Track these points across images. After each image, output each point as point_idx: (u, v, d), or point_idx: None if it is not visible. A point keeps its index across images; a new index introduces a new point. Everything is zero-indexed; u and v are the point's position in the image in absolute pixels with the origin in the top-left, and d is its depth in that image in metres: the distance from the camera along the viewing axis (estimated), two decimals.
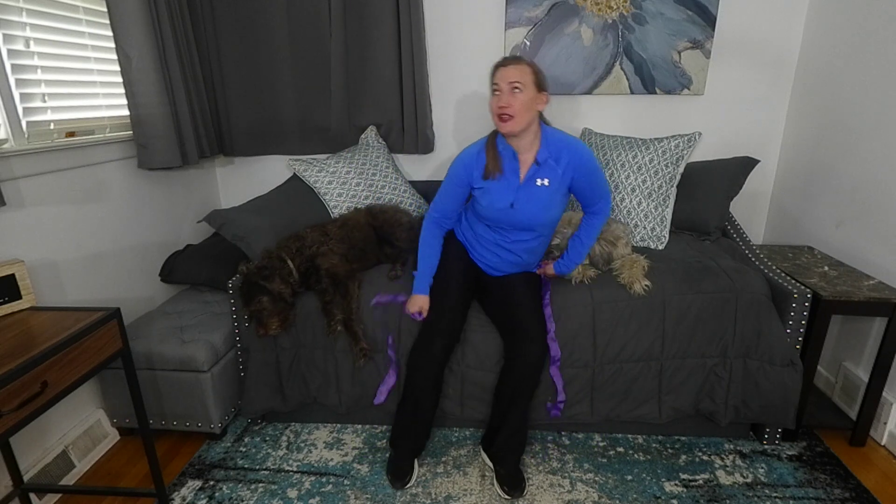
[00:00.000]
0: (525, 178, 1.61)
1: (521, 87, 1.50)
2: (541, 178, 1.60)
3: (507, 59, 1.55)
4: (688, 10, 2.30)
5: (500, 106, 1.51)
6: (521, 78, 1.50)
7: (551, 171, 1.59)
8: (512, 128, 1.52)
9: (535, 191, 1.60)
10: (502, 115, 1.51)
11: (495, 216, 1.65)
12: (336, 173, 2.35)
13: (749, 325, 1.71)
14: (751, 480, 1.69)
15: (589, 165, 1.61)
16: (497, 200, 1.62)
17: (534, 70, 1.53)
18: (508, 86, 1.50)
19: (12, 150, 1.59)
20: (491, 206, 1.63)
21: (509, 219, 1.64)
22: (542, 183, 1.60)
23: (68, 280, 1.78)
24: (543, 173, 1.59)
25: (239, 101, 2.54)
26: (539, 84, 1.54)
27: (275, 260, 1.79)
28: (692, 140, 2.16)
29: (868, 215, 1.92)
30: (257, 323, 1.74)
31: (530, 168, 1.60)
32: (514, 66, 1.52)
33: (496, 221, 1.67)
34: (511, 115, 1.50)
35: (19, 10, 1.67)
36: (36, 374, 1.15)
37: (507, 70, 1.51)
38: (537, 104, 1.55)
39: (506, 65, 1.53)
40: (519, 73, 1.50)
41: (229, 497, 1.67)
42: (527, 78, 1.50)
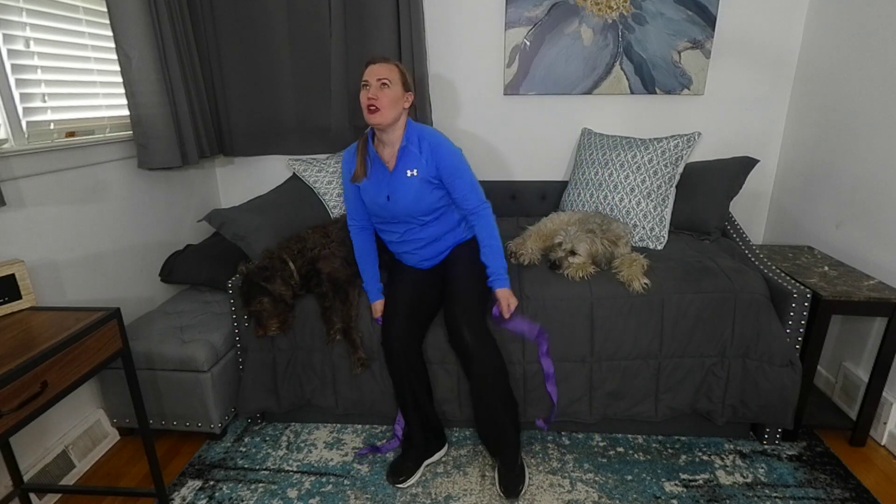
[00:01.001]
0: (395, 168, 1.69)
1: (389, 83, 1.61)
2: (409, 169, 1.68)
3: (376, 57, 1.67)
4: (688, 10, 2.30)
5: (368, 98, 1.61)
6: (389, 75, 1.62)
7: (416, 160, 1.68)
8: (380, 119, 1.62)
9: (406, 182, 1.69)
10: (370, 106, 1.61)
11: (378, 211, 1.74)
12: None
13: (748, 325, 1.71)
14: (751, 480, 1.69)
15: (445, 150, 1.69)
16: (376, 195, 1.72)
17: (401, 70, 1.67)
18: (377, 81, 1.61)
19: (12, 150, 1.59)
20: (372, 201, 1.73)
21: (389, 212, 1.72)
22: (412, 174, 1.68)
23: (68, 280, 1.78)
24: (410, 163, 1.68)
25: (239, 101, 2.54)
26: (405, 84, 1.67)
27: (276, 261, 1.79)
28: (691, 140, 2.16)
29: (868, 215, 1.92)
30: (256, 323, 1.74)
31: (396, 154, 1.70)
32: (382, 64, 1.64)
33: (380, 216, 1.76)
34: (378, 108, 1.60)
35: (19, 10, 1.67)
36: (36, 374, 1.15)
37: (377, 67, 1.63)
38: (404, 102, 1.67)
39: (375, 62, 1.65)
40: (387, 71, 1.62)
41: (229, 497, 1.67)
42: (394, 76, 1.63)
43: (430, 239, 1.78)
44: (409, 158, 1.68)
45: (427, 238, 1.77)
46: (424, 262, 1.82)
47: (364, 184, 1.73)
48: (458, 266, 1.76)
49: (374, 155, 1.72)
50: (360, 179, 1.72)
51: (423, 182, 1.68)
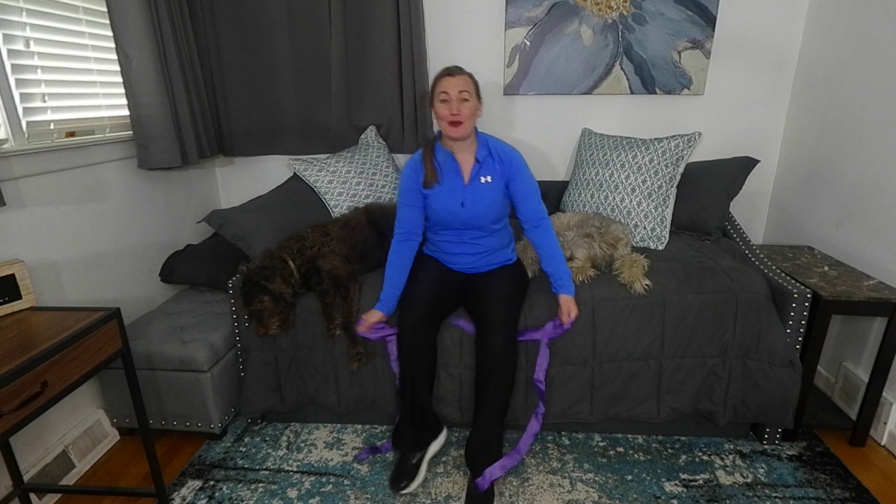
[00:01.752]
0: (470, 178, 1.71)
1: (469, 95, 1.63)
2: (484, 176, 1.70)
3: (452, 70, 1.67)
4: (688, 10, 2.30)
5: (452, 113, 1.62)
6: (468, 87, 1.64)
7: (491, 168, 1.71)
8: (462, 132, 1.65)
9: (481, 188, 1.70)
10: (453, 120, 1.63)
11: (448, 217, 1.73)
12: (336, 173, 2.35)
13: (749, 325, 1.71)
14: (751, 480, 1.69)
15: (518, 162, 1.72)
16: (449, 202, 1.71)
17: (475, 81, 1.69)
18: (458, 94, 1.62)
19: (12, 150, 1.59)
20: (444, 207, 1.72)
21: (461, 218, 1.72)
22: (486, 180, 1.70)
23: (68, 280, 1.78)
24: (485, 170, 1.71)
25: (239, 101, 2.54)
26: (479, 94, 1.70)
27: (276, 260, 1.79)
28: (692, 140, 2.16)
29: (868, 215, 1.92)
30: (257, 322, 1.74)
31: (473, 167, 1.71)
32: (460, 77, 1.65)
33: (449, 223, 1.75)
34: (461, 121, 1.63)
35: (19, 10, 1.67)
36: (36, 374, 1.15)
37: (455, 80, 1.64)
38: (479, 112, 1.70)
39: (453, 75, 1.65)
40: (465, 84, 1.64)
41: (229, 497, 1.67)
42: (471, 88, 1.65)
43: (489, 249, 1.78)
44: (484, 166, 1.70)
45: (487, 248, 1.77)
46: (468, 267, 1.80)
47: (436, 190, 1.71)
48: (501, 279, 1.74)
49: (446, 162, 1.71)
50: (433, 185, 1.70)
51: (496, 189, 1.71)
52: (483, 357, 1.64)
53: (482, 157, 1.70)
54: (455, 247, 1.79)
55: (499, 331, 1.61)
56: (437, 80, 1.68)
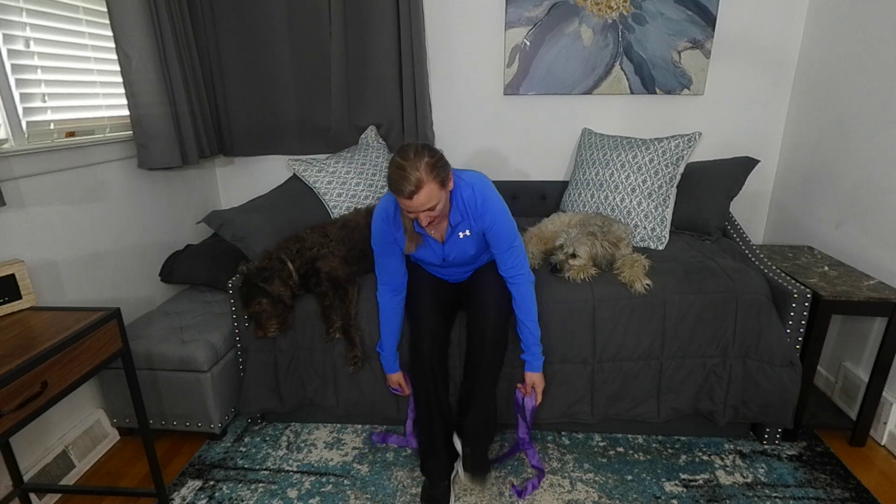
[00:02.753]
0: (447, 239, 1.60)
1: (434, 202, 1.39)
2: (462, 231, 1.59)
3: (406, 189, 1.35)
4: (688, 10, 2.30)
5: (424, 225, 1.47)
6: (432, 198, 1.38)
7: (467, 224, 1.57)
8: (441, 229, 1.58)
9: (459, 242, 1.61)
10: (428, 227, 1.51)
11: (431, 268, 1.73)
12: (336, 173, 2.35)
13: (749, 325, 1.71)
14: (751, 480, 1.69)
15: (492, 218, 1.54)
16: (428, 258, 1.66)
17: (435, 178, 1.38)
18: (424, 213, 1.41)
19: (12, 150, 1.59)
20: (424, 261, 1.69)
21: (445, 267, 1.70)
22: (465, 234, 1.59)
23: (68, 280, 1.78)
24: (462, 228, 1.58)
25: (239, 101, 2.54)
26: (443, 182, 1.41)
27: (274, 261, 1.79)
28: (692, 140, 2.16)
29: (868, 215, 1.92)
30: (256, 324, 1.74)
31: (446, 230, 1.59)
32: (419, 193, 1.36)
33: (431, 266, 1.73)
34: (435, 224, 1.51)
35: (19, 10, 1.67)
36: (36, 374, 1.15)
37: (416, 200, 1.37)
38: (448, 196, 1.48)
39: (410, 197, 1.36)
40: (427, 196, 1.37)
41: (229, 497, 1.67)
42: (434, 193, 1.38)
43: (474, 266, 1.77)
44: (460, 226, 1.58)
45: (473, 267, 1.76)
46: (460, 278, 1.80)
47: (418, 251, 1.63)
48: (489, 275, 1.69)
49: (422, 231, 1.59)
50: (417, 245, 1.60)
51: (476, 239, 1.60)
52: (473, 350, 1.64)
53: (455, 223, 1.55)
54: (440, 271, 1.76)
55: (489, 325, 1.61)
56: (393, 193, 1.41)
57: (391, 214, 1.57)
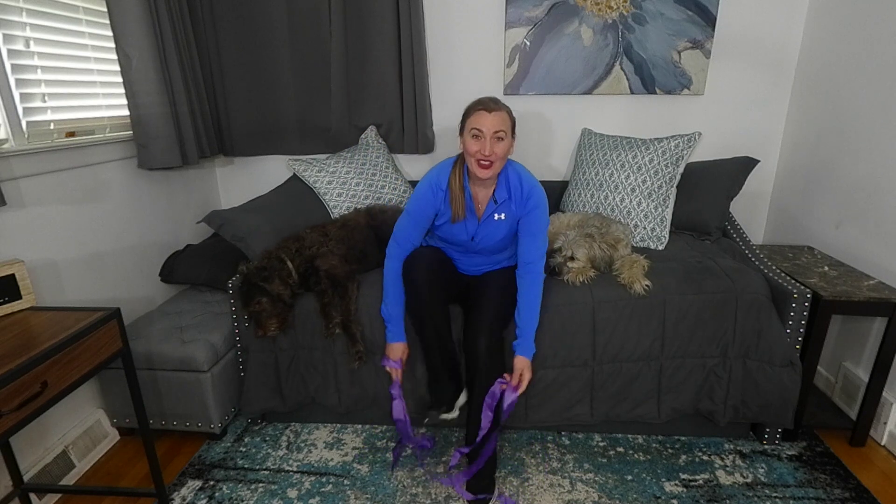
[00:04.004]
0: (483, 217, 1.65)
1: (504, 135, 1.50)
2: (498, 214, 1.63)
3: (489, 105, 1.51)
4: (688, 10, 2.30)
5: (485, 154, 1.50)
6: (504, 126, 1.50)
7: (507, 208, 1.63)
8: (491, 173, 1.55)
9: (493, 224, 1.65)
10: (483, 161, 1.52)
11: (455, 242, 1.73)
12: (336, 173, 2.35)
13: (749, 325, 1.71)
14: (751, 480, 1.69)
15: (537, 201, 1.61)
16: (458, 234, 1.68)
17: (511, 117, 1.56)
18: (493, 134, 1.49)
19: (12, 150, 1.59)
20: (453, 236, 1.70)
21: (468, 247, 1.72)
22: (500, 217, 1.64)
23: (68, 280, 1.78)
24: (501, 209, 1.63)
25: (239, 101, 2.54)
26: (513, 131, 1.57)
27: (274, 260, 1.79)
28: (692, 140, 2.16)
29: (868, 215, 1.92)
30: (256, 324, 1.74)
31: (488, 205, 1.63)
32: (497, 114, 1.50)
33: (455, 246, 1.75)
34: (492, 162, 1.52)
35: (19, 10, 1.67)
36: (36, 374, 1.15)
37: (491, 117, 1.49)
38: (511, 150, 1.58)
39: (489, 111, 1.50)
40: (502, 122, 1.50)
41: (229, 497, 1.67)
42: (508, 126, 1.52)
43: (495, 261, 1.78)
44: (501, 207, 1.63)
45: (488, 260, 1.78)
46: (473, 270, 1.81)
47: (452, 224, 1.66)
48: (497, 281, 1.72)
49: (469, 195, 1.63)
50: (459, 220, 1.62)
51: (509, 226, 1.65)
52: (469, 359, 1.64)
53: (501, 200, 1.62)
54: (460, 255, 1.80)
55: (483, 334, 1.59)
56: (470, 110, 1.54)
57: (442, 188, 1.62)
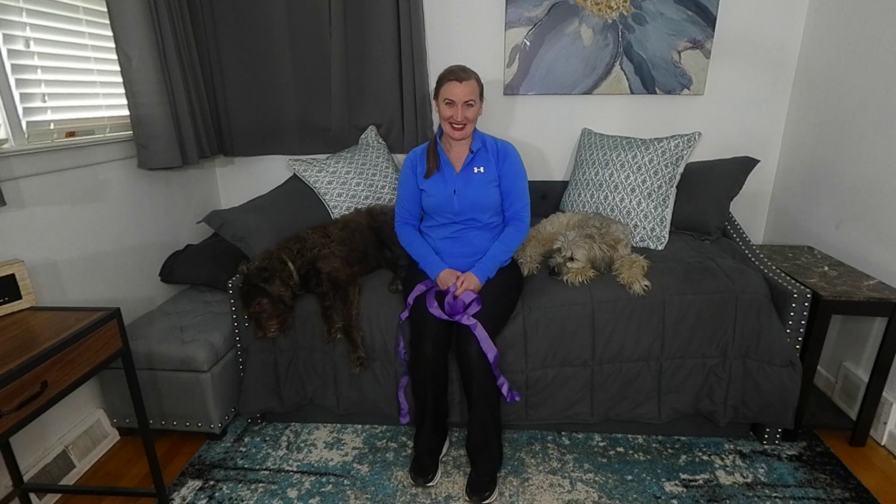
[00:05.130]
0: (462, 168, 1.79)
1: (474, 101, 1.70)
2: (477, 167, 1.78)
3: (460, 75, 1.69)
4: (688, 10, 2.30)
5: (459, 120, 1.69)
6: (474, 94, 1.69)
7: (484, 160, 1.79)
8: (465, 134, 1.73)
9: (473, 177, 1.78)
10: (456, 124, 1.70)
11: (441, 207, 1.79)
12: (336, 173, 2.35)
13: (749, 325, 1.71)
14: (751, 480, 1.69)
15: (513, 158, 1.80)
16: (441, 190, 1.79)
17: (480, 83, 1.73)
18: (464, 102, 1.67)
19: (12, 150, 1.59)
20: (438, 196, 1.79)
21: (452, 206, 1.78)
22: (479, 170, 1.78)
23: (68, 280, 1.78)
24: (479, 161, 1.79)
25: (239, 101, 2.54)
26: (482, 94, 1.75)
27: (275, 261, 1.79)
28: (692, 140, 2.16)
29: (868, 215, 1.92)
30: (256, 325, 1.74)
31: (466, 157, 1.79)
32: (467, 83, 1.68)
33: (442, 213, 1.80)
34: (464, 125, 1.70)
35: (19, 10, 1.67)
36: (36, 374, 1.15)
37: (462, 87, 1.67)
38: (480, 112, 1.76)
39: (461, 80, 1.68)
40: (472, 91, 1.68)
41: (229, 497, 1.67)
42: (477, 93, 1.71)
43: (478, 251, 1.79)
44: (478, 157, 1.79)
45: (477, 248, 1.79)
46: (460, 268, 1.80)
47: (433, 181, 1.79)
48: (496, 284, 1.75)
49: (443, 155, 1.80)
50: (433, 173, 1.79)
51: (489, 180, 1.78)
52: (461, 364, 1.65)
53: (476, 148, 1.78)
54: (449, 244, 1.81)
55: (472, 346, 1.60)
56: (442, 80, 1.72)
57: (419, 154, 1.84)
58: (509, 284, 1.78)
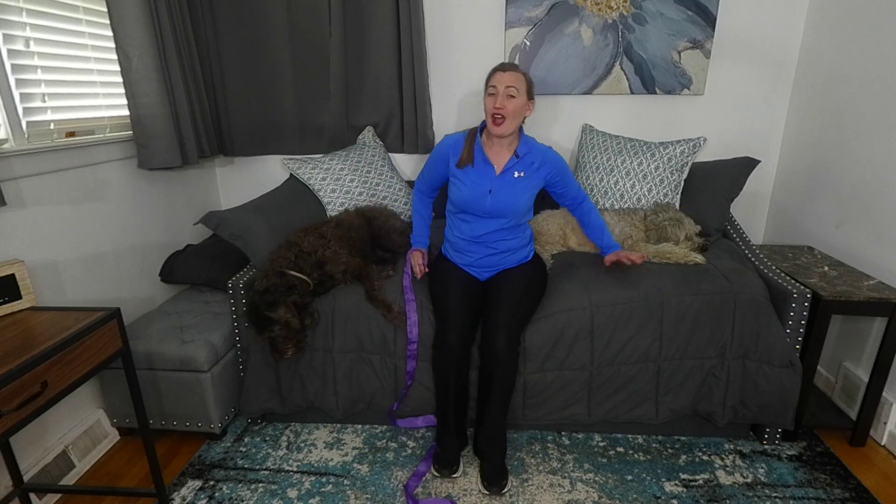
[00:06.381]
0: (503, 170, 1.74)
1: (516, 92, 1.65)
2: (518, 171, 1.75)
3: (505, 65, 1.70)
4: (688, 10, 2.30)
5: (495, 107, 1.65)
6: (517, 84, 1.65)
7: (527, 166, 1.75)
8: (503, 129, 1.68)
9: (512, 182, 1.74)
10: (496, 115, 1.66)
11: (472, 204, 1.75)
12: (330, 170, 2.35)
13: (747, 326, 1.71)
14: (751, 480, 1.69)
15: (561, 164, 1.79)
16: (475, 187, 1.74)
17: (527, 79, 1.70)
18: (505, 90, 1.64)
19: (12, 150, 1.59)
20: (471, 192, 1.74)
21: (484, 205, 1.74)
22: (519, 175, 1.75)
23: (68, 280, 1.78)
24: (521, 167, 1.75)
25: (239, 101, 2.54)
26: (529, 92, 1.71)
27: (273, 277, 1.71)
28: (697, 146, 2.17)
29: (868, 215, 1.92)
30: (272, 349, 1.71)
31: (509, 160, 1.74)
32: (511, 73, 1.66)
33: (471, 207, 1.76)
34: (504, 117, 1.66)
35: (19, 10, 1.67)
36: (36, 374, 1.15)
37: (506, 75, 1.66)
38: (526, 111, 1.72)
39: (504, 70, 1.68)
40: (515, 80, 1.65)
41: (229, 497, 1.67)
42: (521, 85, 1.67)
43: (507, 249, 1.79)
44: (522, 162, 1.75)
45: (504, 247, 1.79)
46: (483, 270, 1.82)
47: (468, 174, 1.75)
48: (513, 278, 1.77)
49: (482, 152, 1.76)
50: (465, 165, 1.75)
51: (527, 185, 1.75)
52: (486, 357, 1.66)
53: (522, 154, 1.74)
54: (471, 246, 1.81)
55: (502, 332, 1.62)
56: (490, 73, 1.72)
57: (458, 139, 1.80)
58: (535, 280, 1.80)
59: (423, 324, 1.78)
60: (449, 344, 1.66)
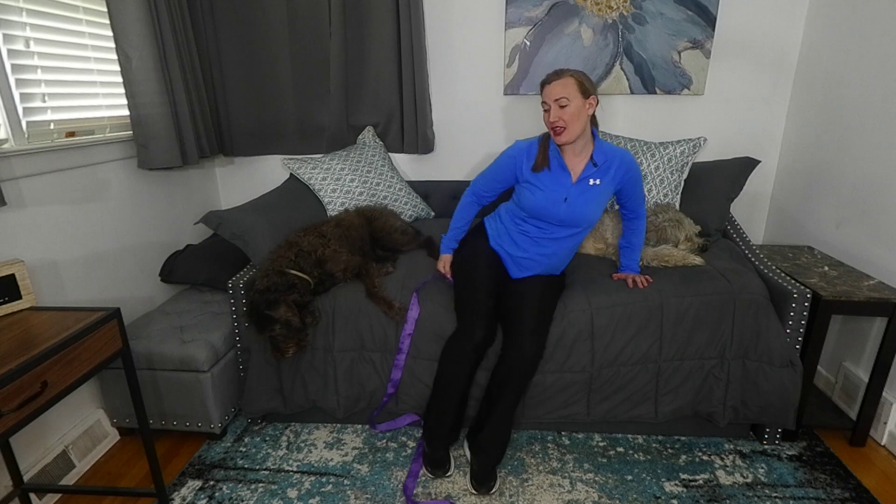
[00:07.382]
0: (579, 178, 1.70)
1: (567, 100, 1.59)
2: (594, 179, 1.69)
3: (550, 76, 1.64)
4: (688, 10, 2.30)
5: (552, 122, 1.62)
6: (566, 92, 1.59)
7: (604, 174, 1.70)
8: (566, 138, 1.63)
9: (589, 189, 1.70)
10: (555, 128, 1.62)
11: (546, 210, 1.71)
12: (330, 170, 2.35)
13: (747, 326, 1.71)
14: (751, 480, 1.69)
15: (637, 173, 1.73)
16: (552, 193, 1.70)
17: (577, 79, 1.61)
18: (555, 102, 1.60)
19: (12, 150, 1.59)
20: (547, 200, 1.70)
21: (558, 213, 1.70)
22: (595, 182, 1.69)
23: (68, 280, 1.78)
24: (598, 174, 1.69)
25: (239, 101, 2.54)
26: (584, 91, 1.61)
27: (273, 276, 1.71)
28: (697, 146, 2.17)
29: (868, 215, 1.92)
30: (274, 348, 1.71)
31: (586, 167, 1.70)
32: (556, 82, 1.61)
33: (544, 215, 1.72)
34: (563, 127, 1.61)
35: (19, 10, 1.67)
36: (36, 374, 1.15)
37: (551, 87, 1.61)
38: (587, 110, 1.63)
39: (549, 82, 1.63)
40: (562, 89, 1.59)
41: (229, 497, 1.67)
42: (570, 90, 1.59)
43: (555, 250, 1.77)
44: (599, 170, 1.70)
45: (556, 249, 1.77)
46: (523, 270, 1.81)
47: (542, 180, 1.70)
48: (546, 283, 1.76)
49: (556, 156, 1.70)
50: (542, 168, 1.70)
51: (602, 194, 1.71)
52: (511, 360, 1.64)
53: (600, 162, 1.69)
54: (528, 245, 1.77)
55: (533, 338, 1.62)
56: (539, 88, 1.68)
57: (532, 144, 1.75)
58: (561, 288, 1.80)
59: (423, 323, 1.78)
60: (474, 337, 1.64)
